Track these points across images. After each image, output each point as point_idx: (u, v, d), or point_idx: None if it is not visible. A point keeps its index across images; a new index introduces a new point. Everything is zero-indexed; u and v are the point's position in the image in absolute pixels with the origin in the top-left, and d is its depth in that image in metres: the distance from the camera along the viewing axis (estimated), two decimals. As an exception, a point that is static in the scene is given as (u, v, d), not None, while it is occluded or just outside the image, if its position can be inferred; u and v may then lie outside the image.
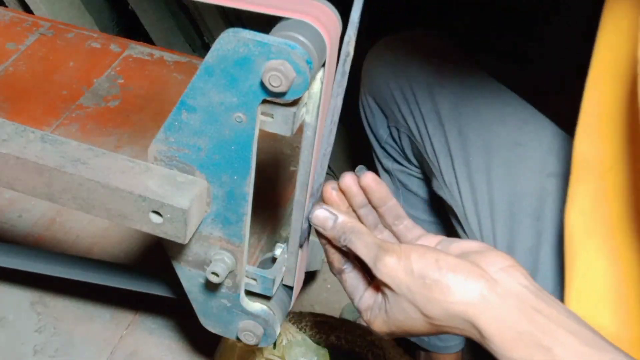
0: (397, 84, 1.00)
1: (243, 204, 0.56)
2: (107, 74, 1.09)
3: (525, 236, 0.86)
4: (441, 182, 0.96)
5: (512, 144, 0.91)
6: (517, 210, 0.87)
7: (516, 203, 0.88)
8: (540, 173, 0.88)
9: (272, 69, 0.47)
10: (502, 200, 0.88)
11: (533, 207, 0.86)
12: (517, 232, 0.87)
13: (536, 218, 0.86)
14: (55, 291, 0.81)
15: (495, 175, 0.90)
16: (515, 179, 0.89)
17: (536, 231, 0.85)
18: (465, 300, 0.52)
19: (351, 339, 1.13)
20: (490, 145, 0.91)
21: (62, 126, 1.00)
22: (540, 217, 0.86)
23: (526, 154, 0.89)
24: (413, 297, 0.54)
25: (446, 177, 0.94)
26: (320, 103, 0.53)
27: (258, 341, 0.64)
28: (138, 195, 0.52)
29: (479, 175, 0.91)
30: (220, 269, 0.58)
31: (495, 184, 0.89)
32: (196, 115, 0.52)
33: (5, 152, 0.53)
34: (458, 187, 0.92)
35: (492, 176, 0.90)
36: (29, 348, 0.76)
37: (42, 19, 1.20)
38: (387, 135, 1.07)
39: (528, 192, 0.87)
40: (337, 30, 0.53)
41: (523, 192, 0.88)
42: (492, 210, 0.89)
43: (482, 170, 0.91)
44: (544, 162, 0.88)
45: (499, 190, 0.89)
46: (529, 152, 0.90)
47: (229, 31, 0.48)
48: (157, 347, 0.77)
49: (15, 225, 0.88)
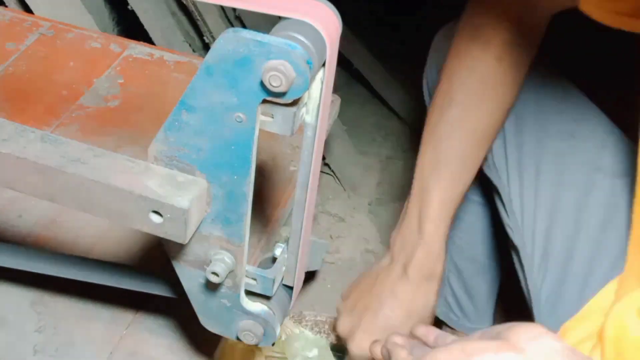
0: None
1: (243, 204, 0.56)
2: (107, 74, 1.09)
3: (564, 224, 0.88)
4: (490, 163, 0.98)
5: (567, 135, 0.92)
6: (561, 199, 0.89)
7: (561, 192, 0.90)
8: (590, 167, 0.89)
9: (272, 69, 0.47)
10: (548, 187, 0.91)
11: (577, 197, 0.88)
12: (557, 219, 0.89)
13: (578, 209, 0.87)
14: (55, 291, 0.81)
15: (545, 162, 0.92)
16: (564, 169, 0.91)
17: (576, 221, 0.87)
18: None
19: (351, 339, 1.13)
20: (544, 133, 0.93)
21: (62, 126, 1.00)
22: (582, 208, 0.87)
23: (579, 146, 0.91)
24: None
25: (496, 158, 0.96)
26: (320, 103, 0.53)
27: (258, 341, 0.64)
28: (138, 195, 0.52)
29: (529, 160, 0.93)
30: (220, 268, 0.58)
31: (543, 171, 0.92)
32: (196, 115, 0.52)
33: (5, 152, 0.53)
34: (507, 168, 0.94)
35: (542, 163, 0.92)
36: (29, 348, 0.76)
37: (42, 19, 1.20)
38: None
39: (574, 183, 0.89)
40: (337, 30, 0.53)
41: (569, 182, 0.90)
42: (536, 195, 0.91)
43: (533, 156, 0.93)
44: (596, 157, 0.90)
45: (545, 177, 0.91)
46: (582, 144, 0.91)
47: (229, 31, 0.48)
48: (157, 347, 0.77)
49: (15, 225, 0.88)
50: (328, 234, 1.56)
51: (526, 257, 0.91)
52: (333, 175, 1.65)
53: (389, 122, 1.79)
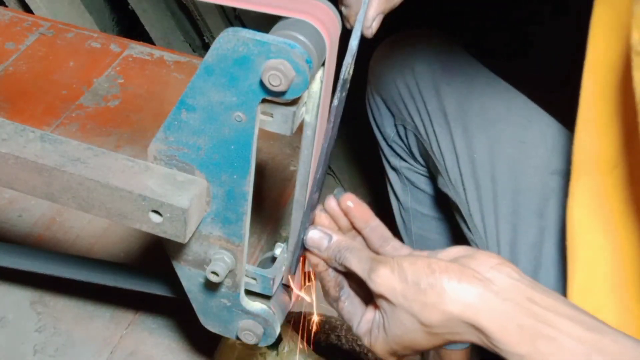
0: (403, 82, 1.01)
1: (243, 203, 0.56)
2: (107, 73, 1.09)
3: (528, 233, 0.87)
4: (446, 180, 0.96)
5: (517, 142, 0.91)
6: (520, 207, 0.88)
7: (519, 200, 0.88)
8: (544, 171, 0.88)
9: (272, 68, 0.47)
10: (506, 197, 0.89)
11: (536, 204, 0.87)
12: (520, 229, 0.87)
13: (539, 215, 0.86)
14: (55, 291, 0.81)
15: (500, 172, 0.90)
16: (519, 177, 0.89)
17: (539, 228, 0.86)
18: (462, 301, 0.52)
19: (351, 339, 1.13)
20: (495, 143, 0.92)
21: (62, 126, 1.00)
22: (544, 214, 0.86)
23: (530, 151, 0.90)
24: (410, 305, 0.54)
25: (451, 174, 0.95)
26: (320, 102, 0.53)
27: (258, 340, 0.64)
28: (138, 195, 0.52)
29: (484, 173, 0.91)
30: (220, 268, 0.58)
31: (499, 181, 0.90)
32: (196, 114, 0.52)
33: (5, 152, 0.53)
34: (463, 184, 0.93)
35: (497, 173, 0.90)
36: (29, 347, 0.76)
37: (42, 19, 1.20)
38: (394, 133, 1.08)
39: (531, 189, 0.88)
40: (337, 29, 0.53)
41: (527, 189, 0.88)
42: (495, 207, 0.90)
43: (487, 167, 0.91)
44: (548, 160, 0.89)
45: (502, 188, 0.90)
46: (533, 149, 0.90)
47: (228, 30, 0.48)
48: (157, 346, 0.77)
49: (15, 224, 0.88)
50: (328, 234, 1.56)
51: None
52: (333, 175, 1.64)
53: (389, 122, 1.79)
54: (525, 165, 0.90)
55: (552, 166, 0.88)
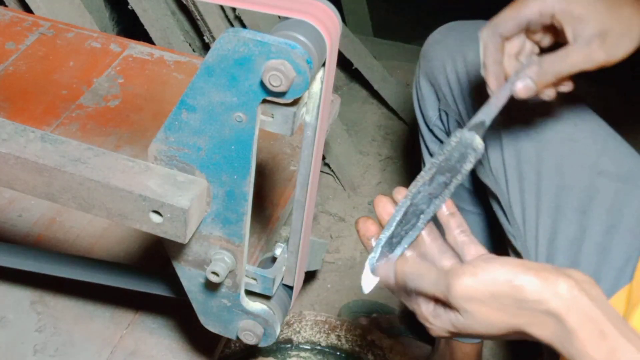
0: (453, 68, 1.01)
1: (243, 204, 0.56)
2: (107, 73, 1.09)
3: (568, 230, 0.87)
4: (487, 169, 0.96)
5: (566, 139, 0.91)
6: (564, 203, 0.88)
7: (563, 196, 0.88)
8: (591, 170, 0.88)
9: (272, 69, 0.47)
10: (550, 192, 0.89)
11: (580, 201, 0.87)
12: (560, 225, 0.87)
13: (582, 212, 0.86)
14: (55, 290, 0.81)
15: (546, 166, 0.90)
16: (565, 173, 0.89)
17: (580, 226, 0.86)
18: (558, 295, 0.54)
19: (351, 339, 1.13)
20: (543, 137, 0.92)
21: (62, 126, 1.00)
22: (587, 212, 0.86)
23: (579, 149, 0.90)
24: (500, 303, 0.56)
25: (493, 164, 0.95)
26: (320, 103, 0.53)
27: (258, 341, 0.64)
28: (138, 195, 0.52)
29: (529, 166, 0.91)
30: (220, 268, 0.58)
31: (544, 175, 0.90)
32: (196, 114, 0.52)
33: (5, 152, 0.53)
34: (505, 175, 0.93)
35: (542, 167, 0.90)
36: (29, 347, 0.76)
37: (42, 19, 1.20)
38: (437, 117, 1.08)
39: (576, 186, 0.88)
40: (337, 29, 0.53)
41: (571, 186, 0.88)
42: (537, 201, 0.90)
43: (533, 160, 0.91)
44: (596, 160, 0.89)
45: (547, 182, 0.90)
46: (582, 148, 0.90)
47: (229, 31, 0.48)
48: (157, 346, 0.77)
49: (15, 224, 0.88)
50: (328, 233, 1.56)
51: None
52: (333, 175, 1.64)
53: (389, 122, 1.79)
54: (573, 162, 0.89)
55: (600, 167, 0.88)
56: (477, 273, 0.56)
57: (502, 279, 0.55)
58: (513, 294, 0.55)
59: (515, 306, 0.55)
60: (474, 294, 0.56)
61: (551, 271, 0.55)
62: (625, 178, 0.87)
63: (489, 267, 0.56)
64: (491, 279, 0.56)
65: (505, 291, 0.55)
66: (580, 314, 0.54)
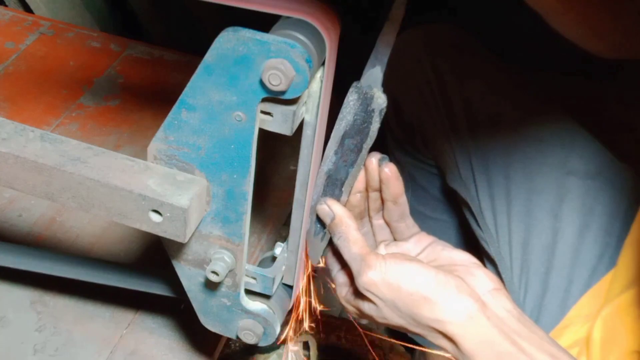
0: (422, 77, 1.00)
1: (243, 203, 0.56)
2: (107, 73, 1.09)
3: (541, 233, 0.86)
4: (456, 175, 0.95)
5: (533, 139, 0.90)
6: (535, 207, 0.87)
7: (534, 200, 0.87)
8: (560, 170, 0.87)
9: (272, 68, 0.47)
10: (520, 196, 0.88)
11: (551, 204, 0.86)
12: (533, 229, 0.86)
13: (554, 216, 0.86)
14: (55, 290, 0.81)
15: (514, 169, 0.89)
16: (534, 175, 0.88)
17: (553, 229, 0.85)
18: (453, 320, 0.54)
19: (351, 339, 1.13)
20: (509, 139, 0.91)
21: (62, 125, 1.00)
22: (558, 215, 0.85)
23: (546, 149, 0.89)
24: (399, 310, 0.56)
25: (462, 170, 0.94)
26: (319, 102, 0.53)
27: (258, 340, 0.64)
28: (138, 194, 0.52)
29: (497, 169, 0.90)
30: (220, 267, 0.58)
31: (513, 180, 0.89)
32: (196, 114, 0.52)
33: (4, 151, 0.53)
34: (474, 180, 0.92)
35: (510, 171, 0.89)
36: (29, 347, 0.76)
37: (42, 19, 1.20)
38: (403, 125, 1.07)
39: (546, 189, 0.87)
40: (337, 29, 0.53)
41: (541, 188, 0.87)
42: (508, 206, 0.89)
43: (501, 164, 0.90)
44: (565, 160, 0.88)
45: (516, 186, 0.89)
46: (550, 148, 0.89)
47: (228, 30, 0.48)
48: (157, 346, 0.77)
49: (15, 224, 0.88)
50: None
51: (505, 270, 0.89)
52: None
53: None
54: (541, 163, 0.89)
55: (569, 166, 0.87)
56: (386, 272, 0.56)
57: (406, 289, 0.55)
58: (411, 309, 0.56)
59: (413, 319, 0.56)
60: (376, 291, 0.57)
61: (453, 290, 0.55)
62: (594, 175, 0.86)
63: (399, 270, 0.56)
64: (396, 285, 0.56)
65: (406, 303, 0.56)
66: (476, 338, 0.54)
